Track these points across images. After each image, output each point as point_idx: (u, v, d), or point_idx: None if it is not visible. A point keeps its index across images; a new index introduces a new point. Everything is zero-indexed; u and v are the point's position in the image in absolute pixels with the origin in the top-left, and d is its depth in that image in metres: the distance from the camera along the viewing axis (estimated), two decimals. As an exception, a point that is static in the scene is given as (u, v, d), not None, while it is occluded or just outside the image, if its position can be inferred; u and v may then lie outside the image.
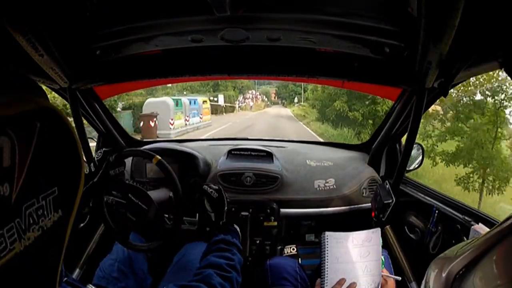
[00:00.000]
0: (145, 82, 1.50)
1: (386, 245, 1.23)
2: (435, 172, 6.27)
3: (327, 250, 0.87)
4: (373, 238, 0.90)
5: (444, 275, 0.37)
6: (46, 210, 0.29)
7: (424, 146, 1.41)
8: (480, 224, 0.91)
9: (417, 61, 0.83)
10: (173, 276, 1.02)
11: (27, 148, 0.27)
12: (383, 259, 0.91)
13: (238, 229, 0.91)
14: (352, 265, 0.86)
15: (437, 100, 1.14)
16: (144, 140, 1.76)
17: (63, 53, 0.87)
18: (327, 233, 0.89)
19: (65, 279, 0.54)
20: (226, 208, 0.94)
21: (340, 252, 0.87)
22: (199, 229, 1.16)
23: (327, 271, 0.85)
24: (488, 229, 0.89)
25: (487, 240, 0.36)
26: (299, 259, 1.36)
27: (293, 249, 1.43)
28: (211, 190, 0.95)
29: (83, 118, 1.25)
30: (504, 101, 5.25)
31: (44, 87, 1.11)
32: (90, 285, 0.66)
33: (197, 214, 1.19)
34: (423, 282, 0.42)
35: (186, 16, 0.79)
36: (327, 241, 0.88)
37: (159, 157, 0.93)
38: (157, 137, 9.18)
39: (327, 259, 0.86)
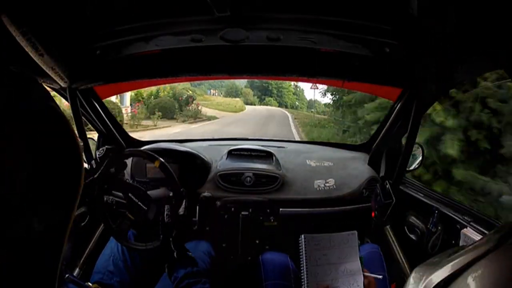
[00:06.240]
0: (145, 82, 1.50)
1: (386, 245, 1.23)
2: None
3: (305, 253, 0.86)
4: (350, 240, 0.90)
5: (422, 285, 0.36)
6: (47, 209, 0.29)
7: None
8: (468, 228, 0.91)
9: (417, 62, 0.83)
10: None
11: (27, 148, 0.27)
12: (363, 258, 0.90)
13: (192, 254, 0.91)
14: (331, 267, 0.86)
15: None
16: (144, 140, 1.76)
17: (63, 53, 0.87)
18: (304, 235, 0.88)
19: (67, 275, 0.54)
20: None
21: (318, 254, 0.86)
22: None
23: (306, 274, 0.84)
24: (477, 234, 0.88)
25: (470, 253, 0.35)
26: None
27: None
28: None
29: (83, 118, 1.25)
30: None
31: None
32: (89, 283, 0.66)
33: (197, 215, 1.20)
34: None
35: (186, 16, 0.79)
36: (305, 244, 0.86)
37: (161, 160, 0.94)
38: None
39: (306, 261, 0.85)
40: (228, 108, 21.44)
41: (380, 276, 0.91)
